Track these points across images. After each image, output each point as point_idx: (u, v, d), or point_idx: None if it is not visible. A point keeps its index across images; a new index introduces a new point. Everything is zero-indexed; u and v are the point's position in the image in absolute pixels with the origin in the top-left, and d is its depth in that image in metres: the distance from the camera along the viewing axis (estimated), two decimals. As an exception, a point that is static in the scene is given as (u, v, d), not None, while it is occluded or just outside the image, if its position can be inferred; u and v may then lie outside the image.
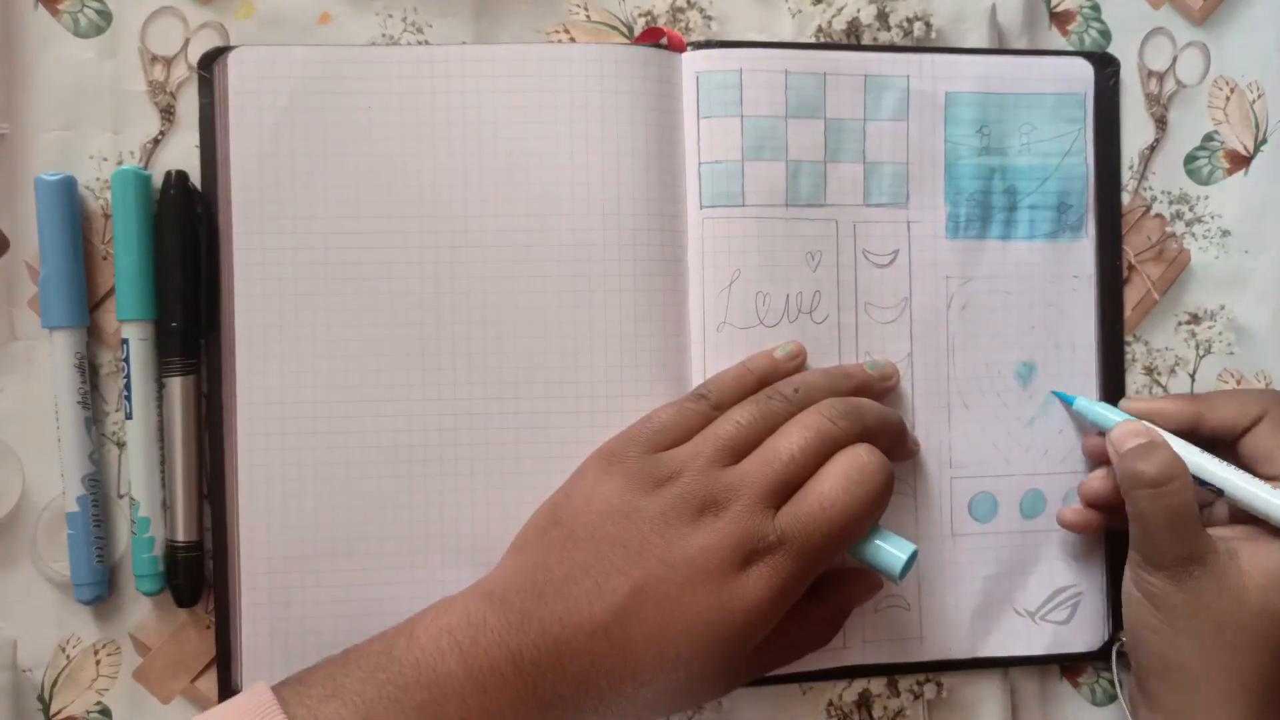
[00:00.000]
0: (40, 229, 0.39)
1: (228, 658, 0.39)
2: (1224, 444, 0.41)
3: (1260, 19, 0.46)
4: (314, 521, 0.39)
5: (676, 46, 0.41)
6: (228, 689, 0.39)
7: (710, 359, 0.41)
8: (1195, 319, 0.46)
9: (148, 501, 0.39)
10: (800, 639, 0.39)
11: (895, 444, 0.40)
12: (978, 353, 0.43)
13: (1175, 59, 0.46)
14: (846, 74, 0.42)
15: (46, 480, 0.40)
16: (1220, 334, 0.46)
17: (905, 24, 0.43)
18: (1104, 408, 0.42)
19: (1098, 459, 0.43)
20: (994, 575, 0.43)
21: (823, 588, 0.39)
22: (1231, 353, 0.46)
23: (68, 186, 0.39)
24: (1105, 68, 0.45)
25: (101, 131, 0.40)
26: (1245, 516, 0.39)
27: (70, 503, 0.39)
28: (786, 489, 0.35)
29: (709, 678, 0.35)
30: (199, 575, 0.40)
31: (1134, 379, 0.45)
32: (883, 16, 0.43)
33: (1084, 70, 0.44)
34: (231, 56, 0.39)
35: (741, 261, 0.41)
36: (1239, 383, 0.46)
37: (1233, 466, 0.39)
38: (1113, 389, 0.45)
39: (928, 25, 0.43)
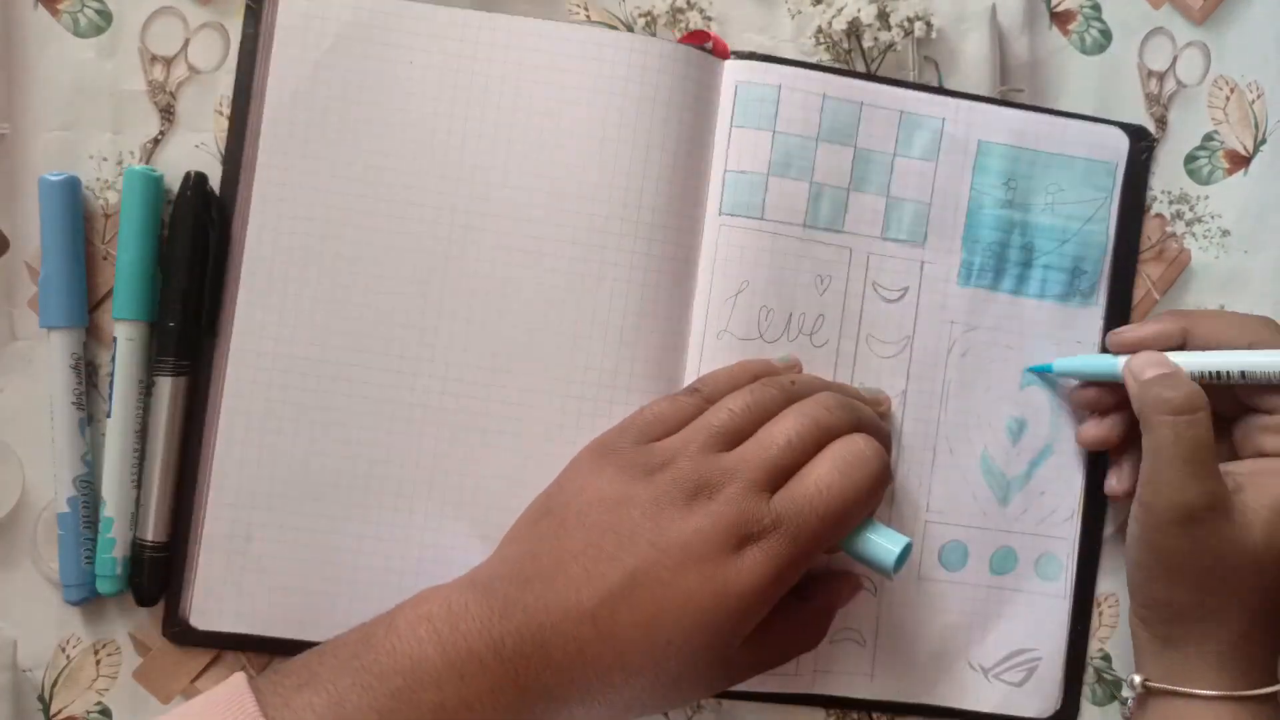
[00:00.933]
0: (43, 229, 0.39)
1: (180, 585, 0.39)
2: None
3: (1260, 19, 0.46)
4: (288, 461, 0.39)
5: (720, 53, 0.42)
6: (175, 620, 0.39)
7: (705, 364, 0.41)
8: (1195, 319, 0.46)
9: (114, 501, 0.39)
10: (788, 639, 0.38)
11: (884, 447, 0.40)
12: (971, 402, 0.43)
13: (1175, 59, 0.46)
14: (883, 107, 0.42)
15: (46, 480, 0.40)
16: (1220, 334, 0.46)
17: (906, 24, 0.43)
18: (1090, 356, 0.42)
19: (1089, 408, 0.43)
20: (954, 625, 0.43)
21: (809, 588, 0.39)
22: (1231, 353, 0.46)
23: (71, 186, 0.39)
24: (1140, 140, 0.45)
25: (101, 131, 0.40)
26: (1249, 451, 0.39)
27: (61, 503, 0.39)
28: (781, 474, 0.35)
29: (699, 668, 0.34)
30: (164, 577, 0.39)
31: (1134, 379, 0.45)
32: (883, 16, 0.43)
33: (1118, 140, 0.44)
34: None
35: (751, 274, 0.41)
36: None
37: (1241, 351, 0.39)
38: (1101, 460, 0.44)
39: (928, 25, 0.43)
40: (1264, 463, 0.39)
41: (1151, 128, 0.46)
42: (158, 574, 0.39)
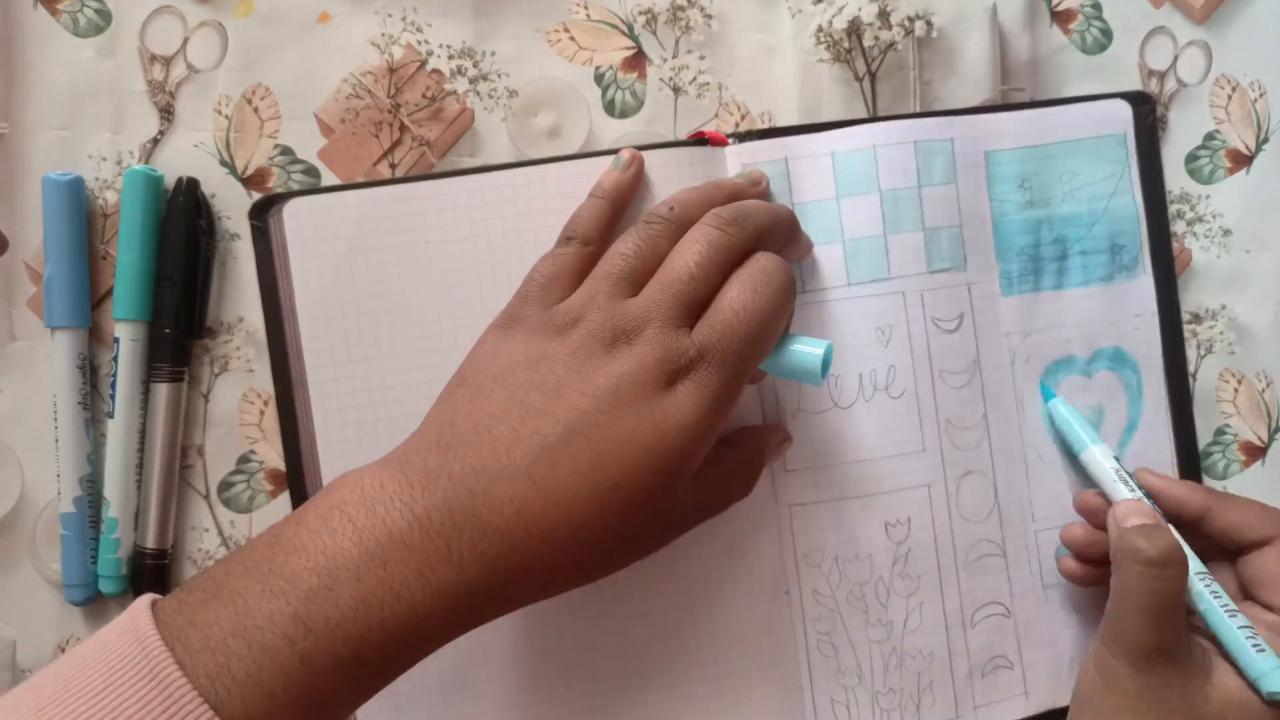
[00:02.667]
0: (46, 229, 0.39)
1: None
2: (1223, 551, 0.40)
3: (1261, 18, 0.46)
4: None
5: (717, 143, 0.41)
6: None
7: (792, 446, 0.41)
8: (1197, 319, 0.46)
9: (119, 502, 0.39)
10: (723, 487, 0.38)
11: (790, 240, 0.39)
12: (1045, 405, 0.43)
13: (1176, 58, 0.46)
14: (895, 143, 0.42)
15: (45, 481, 0.40)
16: (1221, 334, 0.46)
17: (906, 23, 0.43)
18: (1080, 423, 0.42)
19: (1086, 515, 0.42)
20: (1087, 622, 0.43)
21: (736, 437, 0.39)
22: (1233, 352, 0.46)
23: (75, 187, 0.39)
24: (1142, 105, 0.44)
25: (101, 131, 0.40)
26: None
27: (66, 503, 0.39)
28: (694, 306, 0.34)
29: (647, 512, 0.32)
30: (164, 585, 0.39)
31: (1135, 379, 0.45)
32: (884, 15, 0.43)
33: (1122, 110, 0.44)
34: (286, 209, 0.39)
35: None
36: (1240, 382, 0.46)
37: (1219, 590, 0.37)
38: (1182, 425, 0.44)
39: (929, 24, 0.43)
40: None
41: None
42: (157, 583, 0.39)
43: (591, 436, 0.31)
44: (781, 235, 0.38)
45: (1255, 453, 0.46)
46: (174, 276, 0.39)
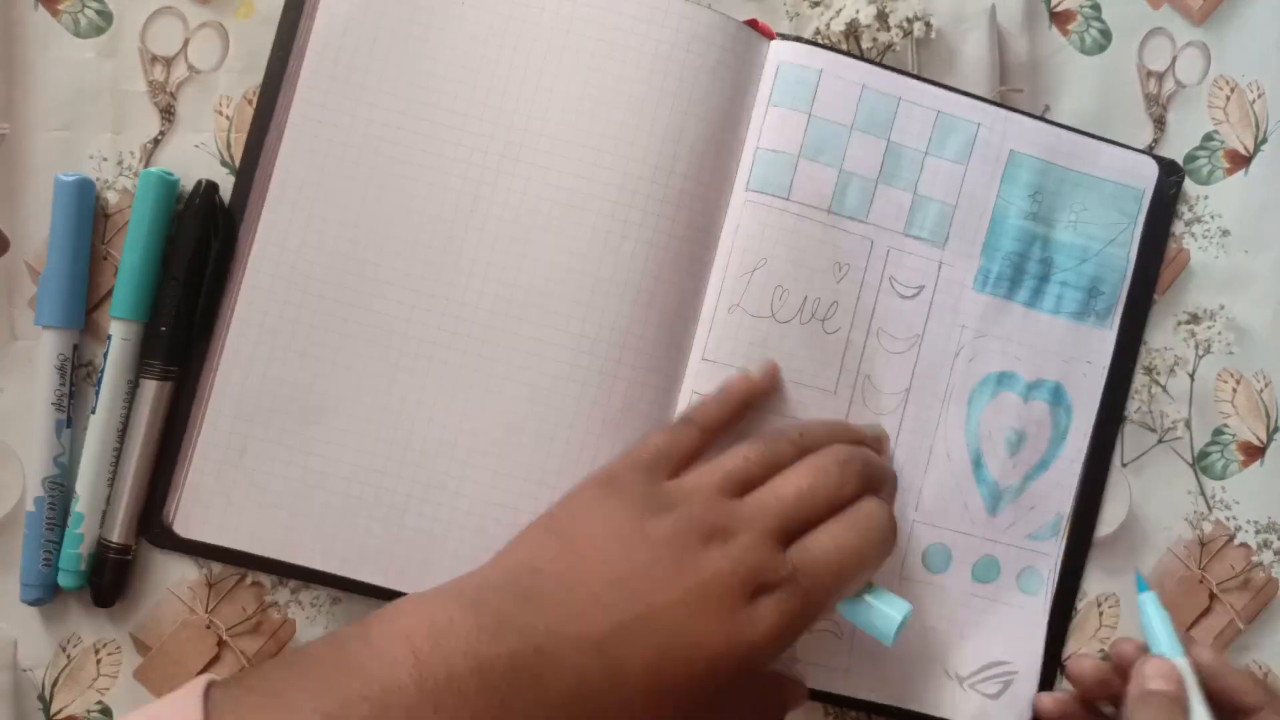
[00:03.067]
0: (53, 228, 0.39)
1: (166, 489, 0.39)
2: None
3: (1260, 19, 0.46)
4: (293, 379, 0.39)
5: (765, 34, 0.42)
6: (157, 522, 0.39)
7: (715, 336, 0.41)
8: (1195, 319, 0.46)
9: (87, 499, 0.39)
10: (752, 706, 0.37)
11: (889, 499, 0.39)
12: (973, 409, 0.43)
13: (1175, 59, 0.46)
14: (921, 105, 0.42)
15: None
16: (1220, 334, 0.46)
17: (905, 24, 0.43)
18: (1162, 628, 0.40)
19: (1119, 660, 0.41)
20: (932, 629, 0.43)
21: (766, 683, 0.38)
22: (1231, 353, 0.46)
23: (85, 188, 0.39)
24: (1170, 175, 0.45)
25: (101, 131, 0.40)
26: None
27: (29, 502, 0.39)
28: (793, 525, 0.34)
29: (690, 716, 0.32)
30: (122, 580, 0.39)
31: (1133, 378, 0.45)
32: (882, 17, 0.43)
33: (1149, 169, 0.44)
34: None
35: (770, 251, 0.41)
36: (1238, 382, 0.46)
37: None
38: (1088, 485, 0.44)
39: (927, 25, 0.43)
40: None
41: (1150, 128, 0.46)
42: (118, 577, 0.39)
43: (669, 630, 0.31)
44: (888, 498, 0.38)
45: (1254, 453, 0.47)
46: (179, 276, 0.39)
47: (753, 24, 0.42)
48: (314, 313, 0.39)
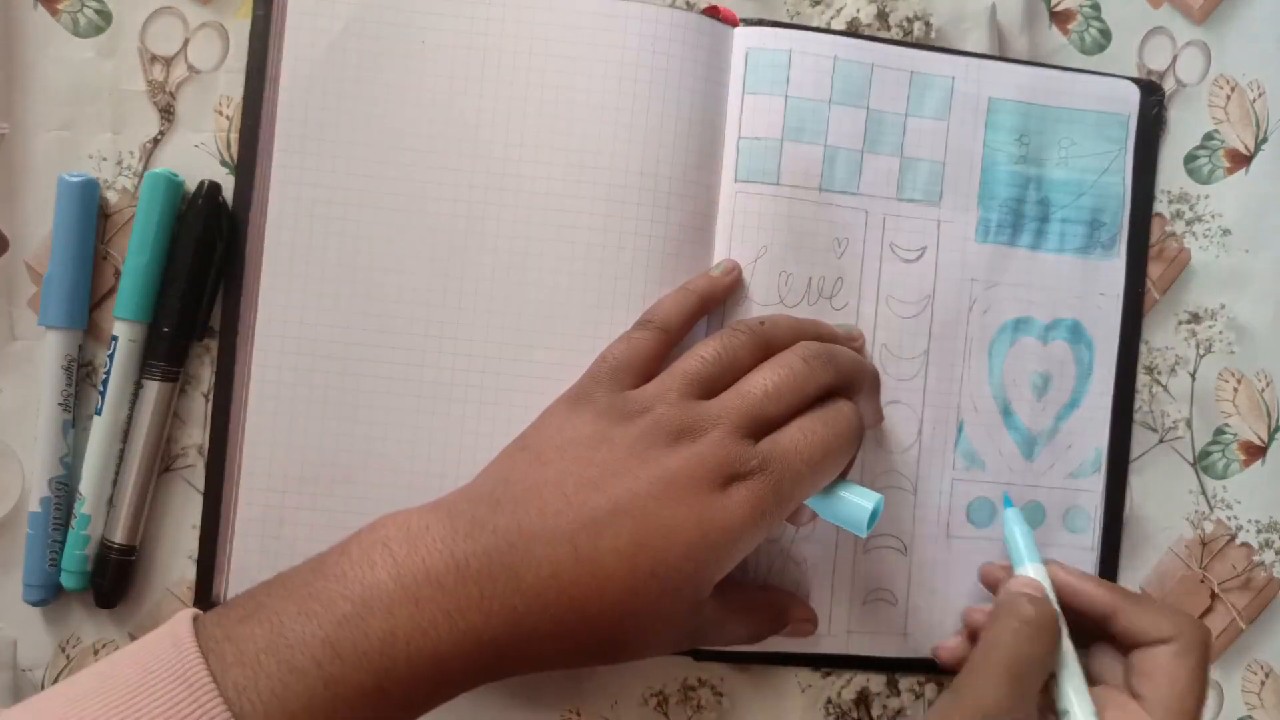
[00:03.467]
0: (56, 229, 0.39)
1: (211, 569, 0.40)
2: (1121, 646, 0.39)
3: (1261, 18, 0.46)
4: (319, 444, 0.40)
5: (729, 22, 0.42)
6: (207, 599, 0.39)
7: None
8: (1196, 318, 0.46)
9: (93, 500, 0.39)
10: (745, 620, 0.38)
11: (869, 394, 0.40)
12: (995, 358, 0.43)
13: (1175, 58, 0.46)
14: (893, 68, 0.42)
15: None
16: (1220, 333, 0.46)
17: (905, 23, 0.43)
18: (1024, 537, 0.41)
19: (989, 585, 0.42)
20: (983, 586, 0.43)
21: (773, 588, 0.40)
22: (1232, 352, 0.46)
23: (89, 188, 0.39)
24: (1150, 94, 0.45)
25: (101, 131, 0.40)
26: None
27: (34, 503, 0.39)
28: (761, 423, 0.35)
29: (673, 609, 0.33)
30: (125, 581, 0.39)
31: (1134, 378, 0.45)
32: (882, 16, 0.43)
33: (1129, 92, 0.45)
34: None
35: (769, 239, 0.41)
36: (1239, 382, 0.46)
37: (1081, 682, 0.37)
38: (1123, 413, 0.45)
39: (927, 25, 0.43)
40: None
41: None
42: (121, 577, 0.39)
43: (638, 519, 0.32)
44: (861, 388, 0.38)
45: (1255, 452, 0.46)
46: (181, 277, 0.39)
47: (713, 12, 0.42)
48: (326, 374, 0.40)
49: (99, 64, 0.40)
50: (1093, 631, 0.39)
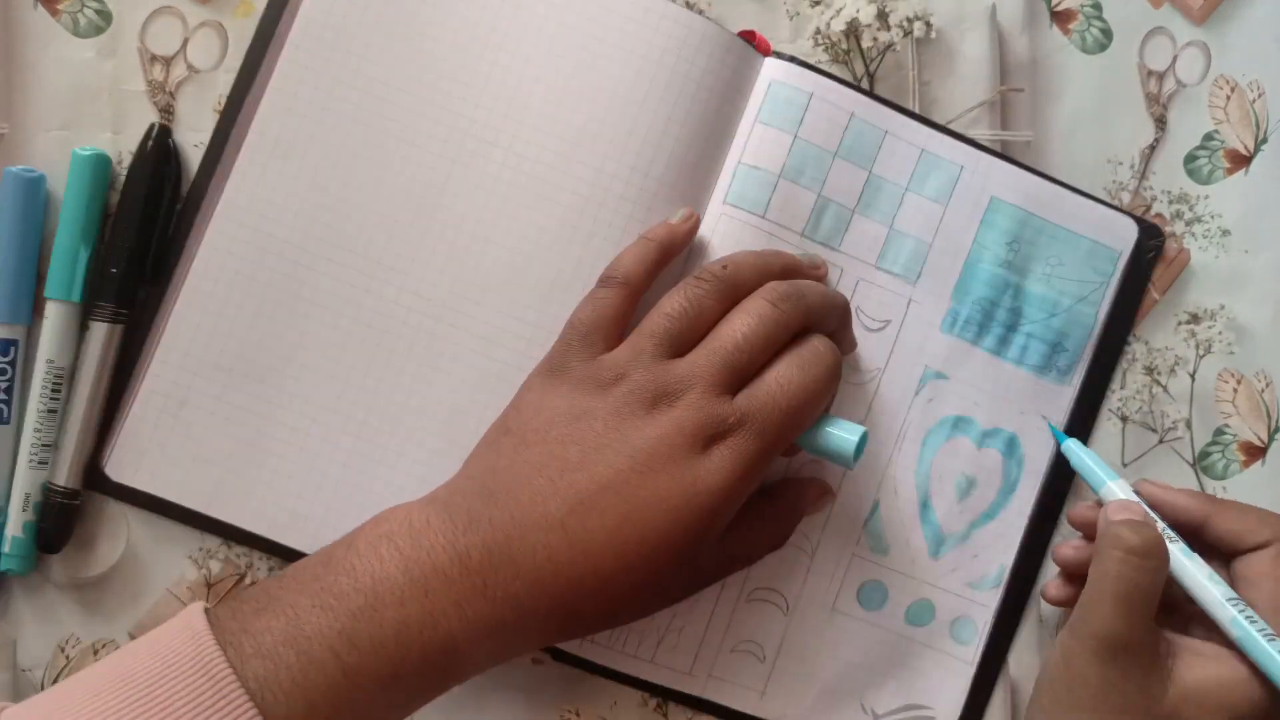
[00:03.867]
0: (1, 222, 0.38)
1: (106, 432, 0.39)
2: (1220, 555, 0.40)
3: (1261, 18, 0.46)
4: (243, 336, 0.39)
5: (762, 49, 0.42)
6: (92, 465, 0.39)
7: None
8: (1195, 319, 0.46)
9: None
10: (755, 537, 0.38)
11: (840, 326, 0.39)
12: (926, 450, 0.43)
13: (1175, 58, 0.46)
14: (906, 140, 0.42)
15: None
16: (1220, 334, 0.46)
17: (905, 24, 0.43)
18: (1096, 460, 0.41)
19: (1081, 527, 0.42)
20: (856, 664, 0.42)
21: (775, 488, 0.40)
22: (1232, 352, 0.46)
23: (36, 184, 0.39)
24: (1150, 238, 0.44)
25: (101, 131, 0.40)
26: (1202, 633, 0.38)
27: None
28: (737, 375, 0.35)
29: (671, 569, 0.34)
30: (67, 526, 0.39)
31: (1134, 378, 0.45)
32: (882, 16, 0.43)
33: (1129, 230, 0.44)
34: None
35: None
36: (1239, 382, 0.46)
37: (1210, 571, 0.38)
38: (1032, 542, 0.44)
39: (928, 25, 0.43)
40: (1207, 646, 0.38)
41: (1151, 127, 0.46)
42: (64, 521, 0.39)
43: (623, 494, 0.33)
44: (832, 322, 0.38)
45: (1255, 453, 0.46)
46: (131, 218, 0.39)
47: (749, 36, 0.42)
48: (273, 272, 0.39)
49: (99, 64, 0.40)
50: (1188, 542, 0.39)
